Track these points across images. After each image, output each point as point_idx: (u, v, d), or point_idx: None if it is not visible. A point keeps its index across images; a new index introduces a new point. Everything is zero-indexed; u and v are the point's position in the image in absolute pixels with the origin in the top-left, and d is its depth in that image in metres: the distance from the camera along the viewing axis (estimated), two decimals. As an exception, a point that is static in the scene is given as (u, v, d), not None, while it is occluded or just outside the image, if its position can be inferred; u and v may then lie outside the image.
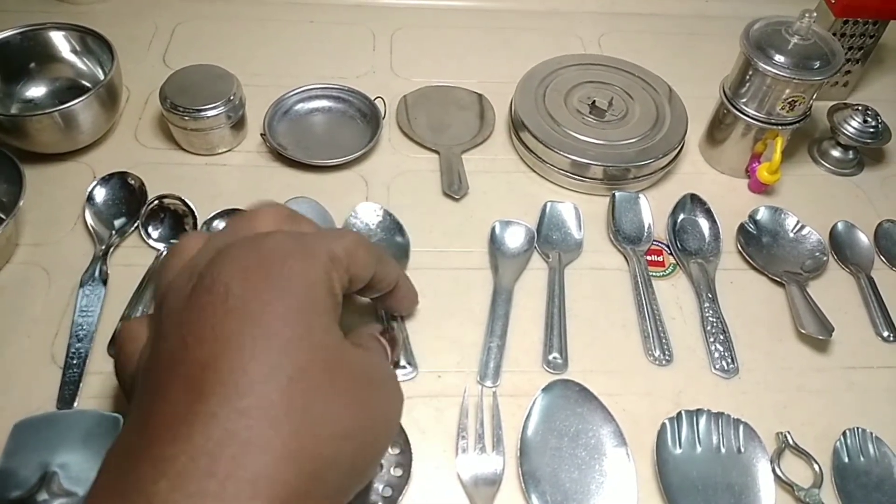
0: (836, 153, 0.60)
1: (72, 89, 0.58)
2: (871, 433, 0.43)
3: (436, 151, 0.58)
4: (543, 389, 0.43)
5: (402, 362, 0.44)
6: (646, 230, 0.53)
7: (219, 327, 0.26)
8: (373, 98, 0.60)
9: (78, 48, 0.58)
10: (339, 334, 0.29)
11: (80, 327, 0.44)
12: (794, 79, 0.51)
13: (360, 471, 0.28)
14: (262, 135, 0.57)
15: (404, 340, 0.45)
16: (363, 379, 0.29)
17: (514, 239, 0.52)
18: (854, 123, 0.57)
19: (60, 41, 0.58)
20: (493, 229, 0.52)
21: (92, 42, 0.58)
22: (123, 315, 0.45)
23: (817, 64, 0.51)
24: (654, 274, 0.51)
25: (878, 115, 0.58)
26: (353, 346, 0.30)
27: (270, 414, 0.24)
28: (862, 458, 0.42)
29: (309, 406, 0.25)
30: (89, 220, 0.50)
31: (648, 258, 0.52)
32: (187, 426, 0.24)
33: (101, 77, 0.56)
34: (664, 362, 0.46)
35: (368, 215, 0.52)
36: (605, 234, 0.54)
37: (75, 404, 0.41)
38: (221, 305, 0.26)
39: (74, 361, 0.43)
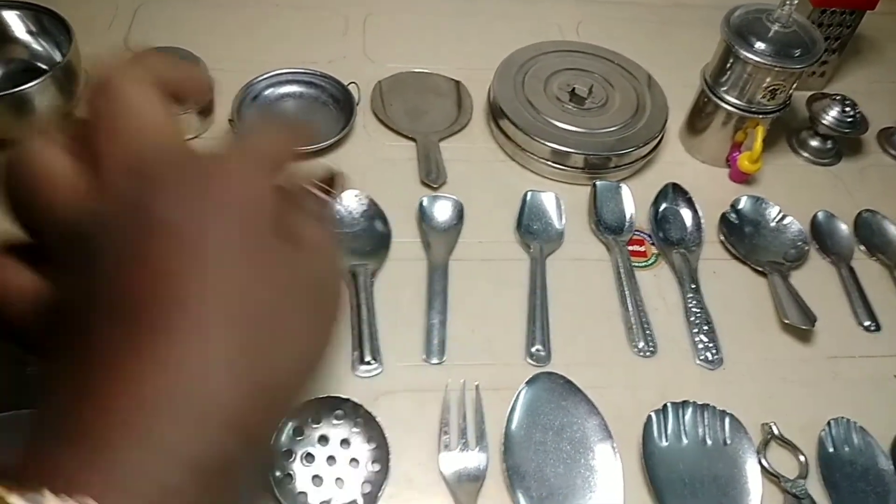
0: (814, 143, 0.60)
1: (27, 72, 0.55)
2: (855, 423, 0.43)
3: (412, 139, 0.56)
4: (527, 382, 0.42)
5: (368, 358, 0.42)
6: (627, 220, 0.52)
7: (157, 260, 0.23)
8: (346, 83, 0.58)
9: (33, 28, 0.55)
10: (272, 240, 0.26)
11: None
12: (774, 66, 0.51)
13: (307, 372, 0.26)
14: (230, 121, 0.54)
15: (370, 326, 0.44)
16: (307, 282, 0.27)
17: (443, 213, 0.51)
18: (832, 113, 0.57)
19: (14, 20, 0.54)
20: (420, 203, 0.51)
21: (48, 22, 0.54)
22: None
23: (798, 52, 0.51)
24: (636, 264, 0.50)
25: (856, 104, 0.58)
26: (289, 246, 0.27)
27: (217, 341, 0.22)
28: (847, 448, 0.42)
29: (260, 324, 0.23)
30: (46, 210, 0.47)
31: (630, 248, 0.51)
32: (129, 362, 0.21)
33: (58, 59, 0.53)
34: (648, 354, 0.45)
35: (351, 203, 0.50)
36: (586, 224, 0.52)
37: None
38: (159, 238, 0.23)
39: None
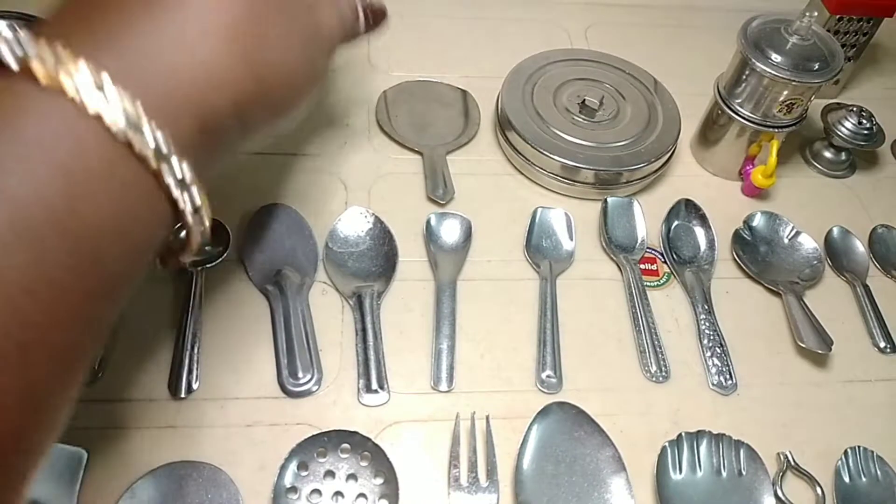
0: (828, 154, 0.58)
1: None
2: (873, 452, 0.42)
3: (419, 152, 0.55)
4: (539, 413, 0.41)
5: (375, 386, 0.42)
6: (639, 238, 0.51)
7: None
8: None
9: (26, 37, 0.53)
10: None
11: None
12: (792, 80, 0.49)
13: (289, 97, 0.31)
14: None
15: (377, 352, 0.43)
16: (312, 27, 0.32)
17: (451, 231, 0.49)
18: (848, 125, 0.56)
19: (2, 28, 0.53)
20: (427, 222, 0.49)
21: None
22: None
23: (816, 65, 0.50)
24: (648, 284, 0.49)
25: (873, 115, 0.56)
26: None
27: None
28: (863, 479, 0.41)
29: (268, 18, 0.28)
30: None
31: (642, 266, 0.50)
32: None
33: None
34: (661, 378, 0.45)
35: (357, 222, 0.48)
36: (596, 242, 0.51)
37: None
38: None
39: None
